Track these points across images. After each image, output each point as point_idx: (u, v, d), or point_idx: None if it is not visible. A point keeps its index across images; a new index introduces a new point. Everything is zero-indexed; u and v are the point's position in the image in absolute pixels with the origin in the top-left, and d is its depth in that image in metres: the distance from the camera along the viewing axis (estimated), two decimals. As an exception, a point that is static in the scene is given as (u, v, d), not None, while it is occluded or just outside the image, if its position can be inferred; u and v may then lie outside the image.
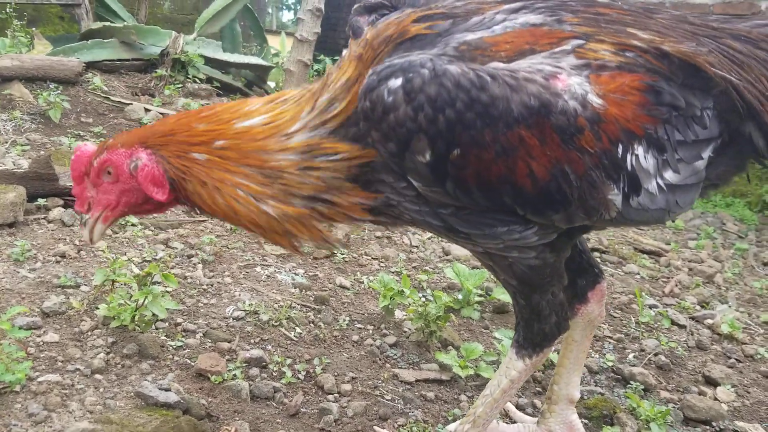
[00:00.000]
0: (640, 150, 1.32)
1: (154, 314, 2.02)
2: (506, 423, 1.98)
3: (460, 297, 2.69)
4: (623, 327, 2.95)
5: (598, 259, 3.68)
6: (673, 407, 2.26)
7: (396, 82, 1.23)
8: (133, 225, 3.03)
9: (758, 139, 1.43)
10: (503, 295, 2.79)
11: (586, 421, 2.07)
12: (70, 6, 6.46)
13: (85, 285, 2.36)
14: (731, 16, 1.60)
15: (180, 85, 5.72)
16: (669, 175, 1.36)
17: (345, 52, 1.49)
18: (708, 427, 2.19)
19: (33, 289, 2.28)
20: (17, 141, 4.22)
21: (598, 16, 1.42)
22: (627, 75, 1.32)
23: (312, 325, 2.40)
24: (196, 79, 5.88)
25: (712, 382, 2.52)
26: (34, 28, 6.22)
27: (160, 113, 5.15)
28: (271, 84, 6.51)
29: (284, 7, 21.15)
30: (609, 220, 1.38)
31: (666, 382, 2.51)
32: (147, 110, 5.14)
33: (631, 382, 2.38)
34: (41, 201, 3.02)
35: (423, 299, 2.60)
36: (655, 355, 2.68)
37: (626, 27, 1.40)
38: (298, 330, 2.33)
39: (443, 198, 1.34)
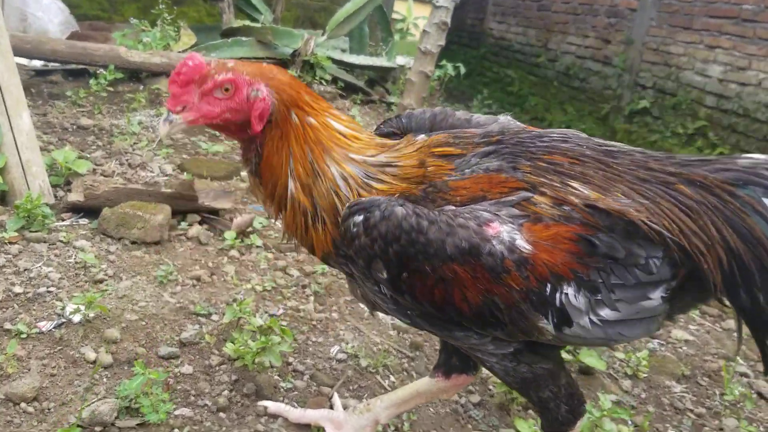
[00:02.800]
0: (569, 290, 1.49)
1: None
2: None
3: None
4: (707, 399, 3.04)
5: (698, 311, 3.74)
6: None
7: (359, 218, 1.55)
8: (258, 247, 3.39)
9: (707, 282, 1.52)
10: (588, 358, 2.95)
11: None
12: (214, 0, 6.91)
13: (216, 314, 2.73)
14: (697, 159, 1.63)
15: (308, 86, 6.07)
16: (605, 313, 1.52)
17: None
18: None
19: (174, 315, 2.67)
20: (162, 141, 4.69)
21: (550, 165, 1.59)
22: (562, 226, 1.49)
23: (405, 373, 2.67)
24: (323, 81, 6.21)
25: (783, 476, 2.60)
26: (179, 20, 6.69)
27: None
28: (393, 95, 6.73)
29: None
30: (550, 340, 1.57)
31: (739, 471, 2.61)
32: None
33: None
34: (183, 224, 3.43)
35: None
36: (734, 436, 2.77)
37: (571, 180, 1.55)
38: (392, 378, 2.61)
39: (409, 306, 1.62)
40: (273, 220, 2.35)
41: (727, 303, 1.59)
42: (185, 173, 4.22)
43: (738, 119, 8.44)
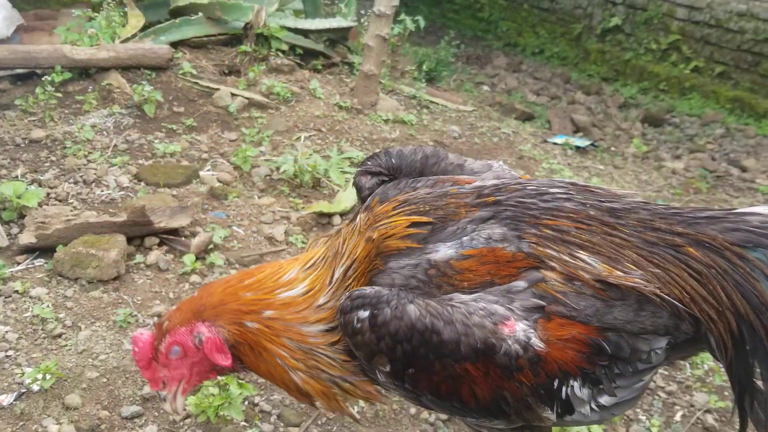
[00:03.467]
0: (575, 384, 1.48)
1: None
2: None
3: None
4: (678, 372, 3.07)
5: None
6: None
7: (364, 314, 1.46)
8: (219, 266, 3.35)
9: (714, 349, 1.51)
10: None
11: None
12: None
13: (178, 357, 2.71)
14: (705, 216, 1.55)
15: (263, 61, 5.89)
16: (604, 400, 1.52)
17: (358, 217, 1.71)
18: None
19: (135, 365, 2.65)
20: (118, 146, 4.58)
21: (557, 233, 1.52)
22: (577, 326, 1.45)
23: (374, 394, 2.67)
24: (279, 52, 6.01)
25: (756, 449, 2.64)
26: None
27: (246, 98, 5.38)
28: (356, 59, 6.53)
29: None
30: (548, 426, 1.59)
31: (709, 447, 2.66)
32: (233, 95, 5.38)
33: (671, 458, 2.55)
34: (141, 252, 3.38)
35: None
36: (706, 412, 2.81)
37: (579, 250, 1.49)
38: (361, 403, 2.62)
39: (410, 392, 1.56)
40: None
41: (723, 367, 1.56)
42: (142, 183, 4.13)
43: (710, 30, 8.24)
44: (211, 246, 3.47)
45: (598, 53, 9.60)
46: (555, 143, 6.29)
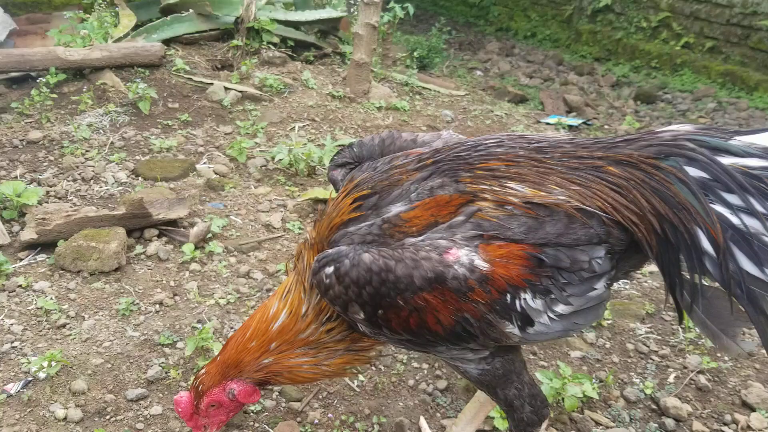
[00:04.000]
0: (527, 296, 1.63)
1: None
2: None
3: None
4: (671, 336, 3.12)
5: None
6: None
7: (329, 269, 1.67)
8: (218, 254, 3.42)
9: (645, 248, 1.66)
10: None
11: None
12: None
13: (180, 341, 2.78)
14: (622, 140, 1.73)
15: (255, 54, 5.94)
16: (560, 308, 1.67)
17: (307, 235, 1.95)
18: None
19: (139, 351, 2.72)
20: (114, 143, 4.64)
21: (488, 172, 1.71)
22: (513, 245, 1.62)
23: (373, 369, 2.74)
24: (271, 45, 6.06)
25: (748, 406, 2.70)
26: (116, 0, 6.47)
27: (239, 92, 5.43)
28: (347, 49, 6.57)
29: None
30: (518, 342, 1.73)
31: (702, 407, 2.71)
32: (227, 89, 5.43)
33: (664, 417, 2.60)
34: (141, 243, 3.44)
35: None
36: (698, 373, 2.87)
37: (509, 181, 1.68)
38: (361, 378, 2.68)
39: (386, 335, 1.74)
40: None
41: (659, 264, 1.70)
42: (140, 178, 4.20)
43: (699, 6, 8.26)
44: (210, 235, 3.53)
45: (590, 34, 9.62)
46: (548, 123, 6.34)
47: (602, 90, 8.00)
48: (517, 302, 1.63)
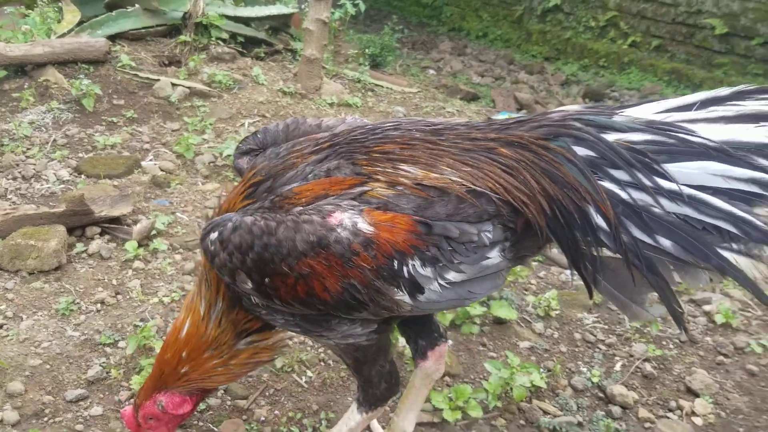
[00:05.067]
0: (415, 263, 1.61)
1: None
2: None
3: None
4: (618, 325, 3.17)
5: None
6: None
7: (214, 235, 1.64)
8: (163, 251, 3.34)
9: (535, 228, 1.67)
10: (500, 309, 3.04)
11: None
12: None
13: (122, 341, 2.71)
14: (515, 121, 1.75)
15: (204, 50, 5.85)
16: (452, 276, 1.65)
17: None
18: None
19: (79, 351, 2.64)
20: (57, 141, 4.51)
21: (383, 155, 1.70)
22: (399, 215, 1.61)
23: (322, 364, 2.71)
24: (220, 41, 5.97)
25: (693, 393, 2.75)
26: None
27: (187, 88, 5.34)
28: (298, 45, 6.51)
29: None
30: (410, 310, 1.70)
31: (648, 394, 2.75)
32: (174, 85, 5.33)
33: (611, 405, 2.64)
34: (82, 242, 3.34)
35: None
36: (644, 361, 2.91)
37: (402, 164, 1.68)
38: (309, 373, 2.65)
39: (281, 309, 1.70)
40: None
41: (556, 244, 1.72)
42: (83, 175, 4.08)
43: (646, 5, 8.43)
44: (154, 232, 3.45)
45: (540, 34, 9.74)
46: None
47: (552, 88, 8.11)
48: (405, 268, 1.61)
